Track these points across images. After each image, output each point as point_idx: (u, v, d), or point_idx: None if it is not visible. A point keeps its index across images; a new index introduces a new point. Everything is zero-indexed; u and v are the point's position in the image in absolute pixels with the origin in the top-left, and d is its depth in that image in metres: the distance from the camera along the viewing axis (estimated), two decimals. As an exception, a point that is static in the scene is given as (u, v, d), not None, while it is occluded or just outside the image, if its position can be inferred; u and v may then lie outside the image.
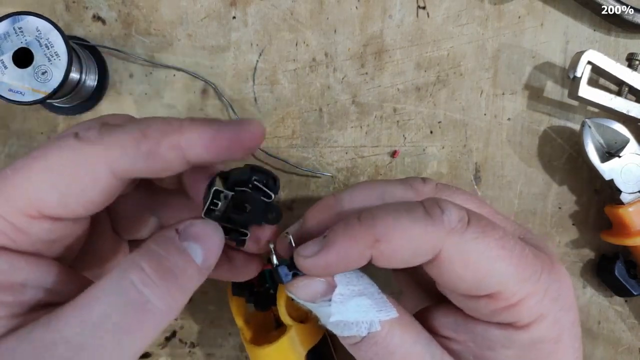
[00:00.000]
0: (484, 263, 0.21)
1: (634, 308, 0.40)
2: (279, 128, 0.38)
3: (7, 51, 0.32)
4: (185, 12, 0.38)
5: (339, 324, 0.23)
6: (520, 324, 0.22)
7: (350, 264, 0.22)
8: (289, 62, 0.38)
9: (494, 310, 0.22)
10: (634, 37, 0.39)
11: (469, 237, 0.21)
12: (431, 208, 0.21)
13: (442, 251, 0.21)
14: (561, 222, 0.40)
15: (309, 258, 0.22)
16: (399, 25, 0.38)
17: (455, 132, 0.39)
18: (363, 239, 0.21)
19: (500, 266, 0.21)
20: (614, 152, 0.36)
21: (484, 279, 0.21)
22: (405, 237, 0.21)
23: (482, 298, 0.22)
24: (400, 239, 0.21)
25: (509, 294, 0.22)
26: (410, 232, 0.21)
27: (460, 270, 0.21)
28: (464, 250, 0.21)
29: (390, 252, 0.21)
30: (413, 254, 0.21)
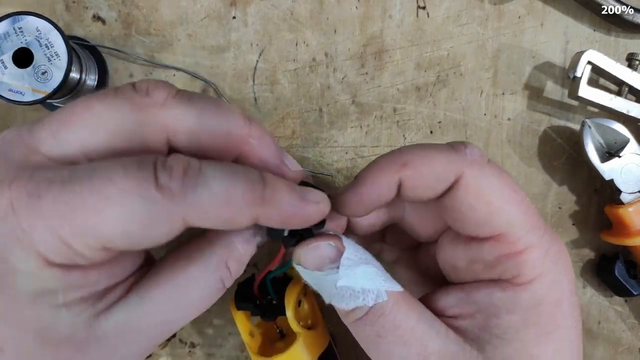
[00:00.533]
0: (496, 198, 0.22)
1: (634, 308, 0.40)
2: (279, 128, 0.38)
3: (7, 51, 0.32)
4: (185, 12, 0.38)
5: (345, 293, 0.22)
6: (521, 280, 0.22)
7: (381, 194, 0.23)
8: (289, 62, 0.38)
9: (498, 258, 0.23)
10: (634, 37, 0.39)
11: (488, 172, 0.23)
12: (456, 144, 0.23)
13: (461, 178, 0.22)
14: (561, 222, 0.40)
15: (343, 194, 0.23)
16: (399, 25, 0.38)
17: (455, 132, 0.39)
18: (391, 165, 0.22)
19: (511, 207, 0.23)
20: (614, 152, 0.37)
21: (494, 215, 0.22)
22: (430, 162, 0.22)
23: (487, 241, 0.23)
24: (425, 164, 0.22)
25: (515, 238, 0.22)
26: (435, 158, 0.22)
27: (474, 200, 0.22)
28: (481, 181, 0.22)
29: (417, 177, 0.22)
30: (436, 179, 0.22)
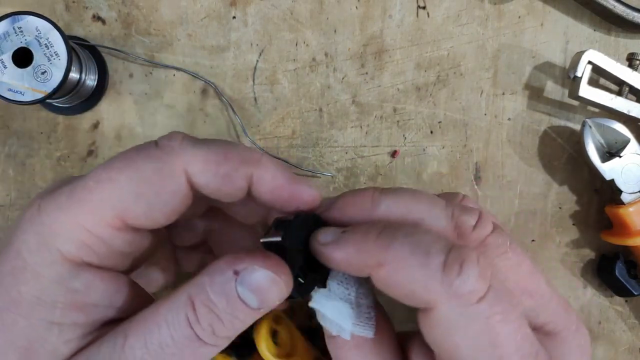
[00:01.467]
0: (481, 341, 0.19)
1: (635, 308, 0.40)
2: (279, 128, 0.38)
3: (6, 51, 0.32)
4: (185, 12, 0.38)
5: (318, 311, 0.23)
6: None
7: (351, 270, 0.21)
8: (289, 62, 0.38)
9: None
10: (634, 37, 0.39)
11: (473, 313, 0.19)
12: (451, 263, 0.19)
13: (434, 309, 0.19)
14: (561, 222, 0.40)
15: (320, 245, 0.22)
16: (399, 25, 0.38)
17: (456, 132, 0.39)
18: (371, 257, 0.20)
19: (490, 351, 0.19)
20: (614, 152, 0.36)
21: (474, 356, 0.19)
22: (407, 277, 0.19)
23: None
24: (401, 276, 0.20)
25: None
26: (413, 275, 0.19)
27: (440, 337, 0.20)
28: (454, 319, 0.19)
29: (387, 281, 0.20)
30: (407, 295, 0.20)
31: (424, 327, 0.20)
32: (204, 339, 0.20)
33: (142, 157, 0.20)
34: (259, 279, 0.20)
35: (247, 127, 0.38)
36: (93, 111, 0.38)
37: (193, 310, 0.19)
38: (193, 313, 0.19)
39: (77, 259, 0.19)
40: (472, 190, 0.39)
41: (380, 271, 0.20)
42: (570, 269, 0.40)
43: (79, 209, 0.19)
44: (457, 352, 0.19)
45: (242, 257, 0.20)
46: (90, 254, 0.20)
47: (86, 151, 0.38)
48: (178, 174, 0.20)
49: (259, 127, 0.38)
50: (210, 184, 0.21)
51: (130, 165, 0.20)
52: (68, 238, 0.19)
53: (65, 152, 0.38)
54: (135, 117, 0.38)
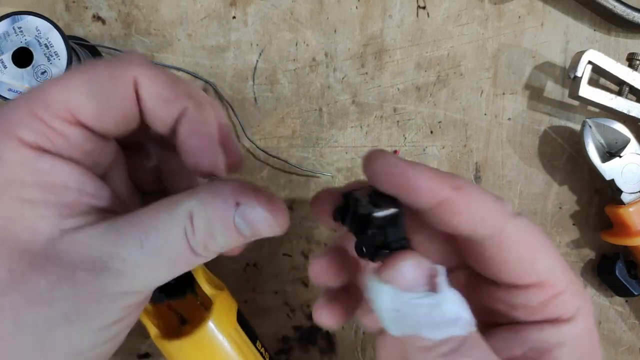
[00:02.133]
0: (538, 247, 0.23)
1: (635, 308, 0.40)
2: (279, 128, 0.38)
3: (6, 51, 0.32)
4: (185, 12, 0.38)
5: (438, 321, 0.19)
6: (565, 317, 0.24)
7: (428, 194, 0.21)
8: (289, 62, 0.38)
9: (542, 302, 0.23)
10: (634, 37, 0.39)
11: (525, 223, 0.23)
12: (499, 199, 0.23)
13: (505, 228, 0.22)
14: (561, 222, 0.40)
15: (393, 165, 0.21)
16: (399, 25, 0.38)
17: (456, 132, 0.39)
18: (448, 179, 0.21)
19: (549, 254, 0.23)
20: (614, 152, 0.36)
21: (537, 262, 0.23)
22: (482, 197, 0.22)
23: (530, 288, 0.23)
24: (476, 198, 0.21)
25: (556, 281, 0.23)
26: (487, 195, 0.22)
27: (520, 249, 0.22)
28: (522, 228, 0.23)
29: (464, 205, 0.21)
30: (482, 218, 0.22)
31: (502, 252, 0.22)
32: (197, 250, 0.21)
33: (98, 64, 0.22)
34: (257, 216, 0.21)
35: (247, 127, 0.38)
36: (93, 111, 0.38)
37: (191, 225, 0.21)
38: (191, 227, 0.21)
39: (36, 145, 0.21)
40: (472, 190, 0.39)
41: (459, 194, 0.21)
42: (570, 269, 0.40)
43: (35, 103, 0.21)
44: (534, 256, 0.23)
45: (247, 191, 0.21)
46: (48, 143, 0.21)
47: (86, 151, 0.38)
48: (127, 81, 0.21)
49: (259, 127, 0.38)
50: (150, 101, 0.22)
51: (87, 70, 0.21)
52: (25, 126, 0.20)
53: (65, 152, 0.38)
54: (135, 117, 0.38)
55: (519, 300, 0.24)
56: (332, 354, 0.39)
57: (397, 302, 0.19)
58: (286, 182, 0.39)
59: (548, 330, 0.24)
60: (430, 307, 0.19)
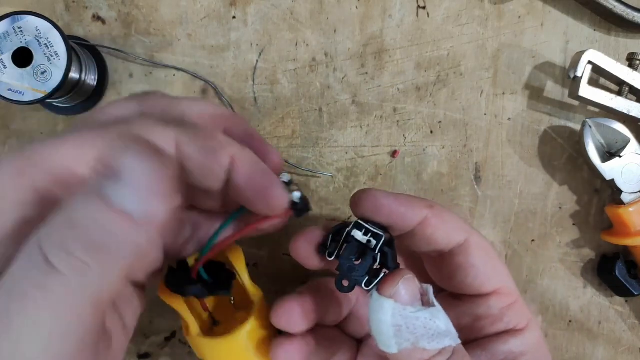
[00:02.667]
0: (493, 257, 0.27)
1: (635, 308, 0.40)
2: (279, 128, 0.38)
3: (6, 51, 0.32)
4: (185, 12, 0.38)
5: (433, 333, 0.21)
6: (521, 326, 0.26)
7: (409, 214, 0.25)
8: (289, 62, 0.38)
9: (502, 310, 0.26)
10: (634, 37, 0.39)
11: (480, 235, 0.27)
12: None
13: (470, 237, 0.26)
14: (561, 222, 0.40)
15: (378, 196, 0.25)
16: (399, 25, 0.38)
17: (456, 132, 0.39)
18: (421, 202, 0.26)
19: (501, 265, 0.27)
20: (614, 152, 0.36)
21: (496, 269, 0.26)
22: (449, 213, 0.26)
23: (492, 295, 0.26)
24: (446, 213, 0.26)
25: (510, 290, 0.27)
26: (451, 213, 0.26)
27: (485, 257, 0.26)
28: (480, 239, 0.26)
29: (440, 220, 0.25)
30: (455, 229, 0.26)
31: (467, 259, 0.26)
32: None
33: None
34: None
35: (247, 127, 0.38)
36: (93, 111, 0.38)
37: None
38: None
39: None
40: (472, 190, 0.39)
41: (434, 212, 0.25)
42: (570, 269, 0.40)
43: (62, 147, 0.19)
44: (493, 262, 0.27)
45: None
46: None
47: (86, 151, 0.38)
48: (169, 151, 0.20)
49: (259, 127, 0.38)
50: (195, 156, 0.21)
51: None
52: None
53: (65, 152, 0.38)
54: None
55: (482, 309, 0.27)
56: (332, 354, 0.39)
57: (398, 316, 0.21)
58: (286, 182, 0.39)
59: (511, 340, 0.26)
60: (427, 320, 0.20)
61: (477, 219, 0.39)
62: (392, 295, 0.21)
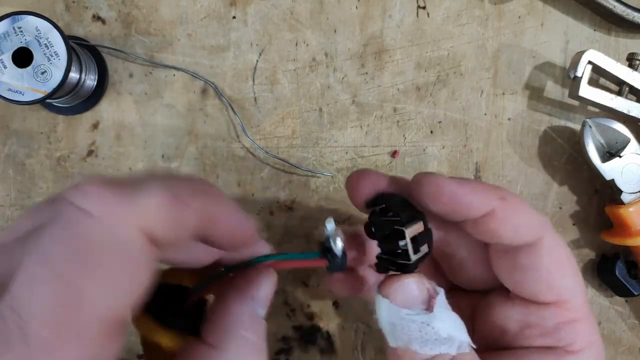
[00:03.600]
0: (567, 264, 0.24)
1: (635, 308, 0.40)
2: (279, 128, 0.38)
3: (6, 51, 0.32)
4: (185, 12, 0.38)
5: (430, 338, 0.20)
6: (574, 348, 0.23)
7: (475, 204, 0.22)
8: (289, 62, 0.38)
9: (558, 324, 0.23)
10: (634, 37, 0.39)
11: (560, 239, 0.24)
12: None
13: (544, 238, 0.23)
14: (561, 222, 0.40)
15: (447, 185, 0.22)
16: (399, 25, 0.38)
17: (456, 132, 0.39)
18: (494, 191, 0.23)
19: (576, 276, 0.24)
20: (614, 152, 0.36)
21: (564, 279, 0.23)
22: (524, 209, 0.23)
23: (549, 306, 0.23)
24: (520, 208, 0.23)
25: (575, 306, 0.23)
26: (528, 208, 0.23)
27: (552, 263, 0.23)
28: (557, 245, 0.23)
29: (509, 214, 0.22)
30: (526, 227, 0.23)
31: (533, 262, 0.23)
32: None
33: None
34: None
35: (247, 127, 0.38)
36: (93, 111, 0.38)
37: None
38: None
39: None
40: (472, 190, 0.39)
41: (505, 204, 0.22)
42: (570, 269, 0.40)
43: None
44: (561, 272, 0.23)
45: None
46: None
47: (86, 151, 0.38)
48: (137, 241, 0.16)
49: (259, 127, 0.38)
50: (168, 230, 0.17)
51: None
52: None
53: (65, 152, 0.38)
54: (135, 117, 0.38)
55: (535, 318, 0.24)
56: (332, 354, 0.39)
57: (393, 316, 0.21)
58: (286, 182, 0.39)
59: (552, 359, 0.23)
60: (422, 325, 0.20)
61: (477, 219, 0.39)
62: (387, 296, 0.21)
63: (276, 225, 0.39)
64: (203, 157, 0.38)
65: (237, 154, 0.38)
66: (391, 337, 0.21)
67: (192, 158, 0.38)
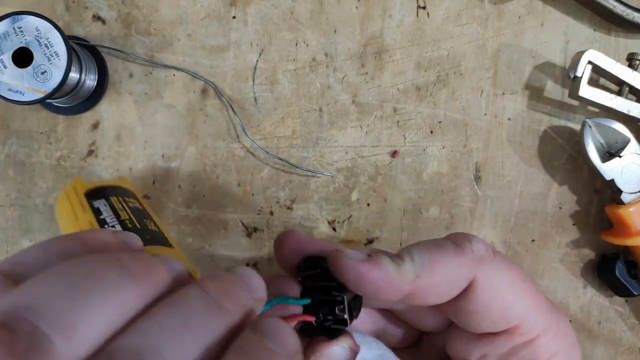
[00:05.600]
0: (510, 292, 0.23)
1: (635, 308, 0.40)
2: (279, 128, 0.38)
3: (6, 51, 0.32)
4: (185, 12, 0.38)
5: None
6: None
7: (389, 294, 0.21)
8: (289, 62, 0.38)
9: (512, 348, 0.23)
10: (634, 37, 0.39)
11: (498, 265, 0.23)
12: (460, 241, 0.23)
13: (475, 279, 0.22)
14: (561, 222, 0.40)
15: (359, 261, 0.21)
16: (399, 25, 0.38)
17: (456, 132, 0.39)
18: (406, 274, 0.21)
19: (524, 297, 0.23)
20: (614, 152, 0.36)
21: (509, 309, 0.22)
22: (442, 269, 0.22)
23: (501, 335, 0.23)
24: (438, 272, 0.22)
25: (528, 328, 0.23)
26: (447, 265, 0.22)
27: (490, 300, 0.22)
28: (494, 278, 0.22)
29: (430, 285, 0.22)
30: (450, 286, 0.22)
31: (470, 304, 0.22)
32: None
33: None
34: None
35: (247, 127, 0.38)
36: (93, 111, 0.38)
37: None
38: None
39: None
40: (472, 190, 0.39)
41: (420, 281, 0.21)
42: (570, 269, 0.40)
43: None
44: (505, 303, 0.22)
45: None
46: None
47: (86, 151, 0.38)
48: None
49: (259, 127, 0.38)
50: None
51: None
52: None
53: (65, 152, 0.38)
54: (135, 117, 0.38)
55: (489, 348, 0.24)
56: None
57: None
58: (286, 182, 0.39)
59: None
60: None
61: (477, 219, 0.39)
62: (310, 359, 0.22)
63: (276, 225, 0.39)
64: (203, 157, 0.38)
65: (237, 154, 0.38)
66: None
67: (192, 158, 0.38)
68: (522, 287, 0.23)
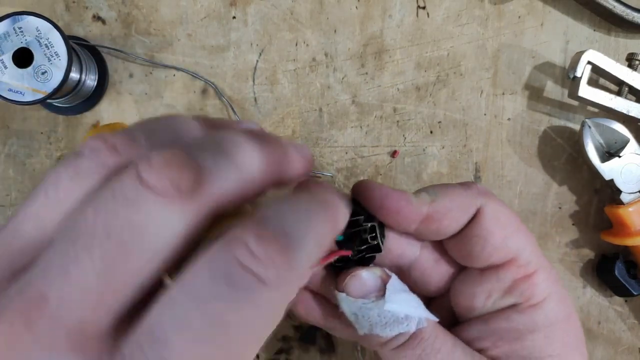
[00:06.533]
0: (509, 224, 0.25)
1: (634, 308, 0.40)
2: (279, 128, 0.38)
3: (7, 51, 0.32)
4: (185, 12, 0.38)
5: (389, 320, 0.23)
6: (535, 301, 0.24)
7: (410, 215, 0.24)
8: (289, 62, 0.38)
9: (513, 282, 0.24)
10: (634, 37, 0.39)
11: (500, 202, 0.25)
12: (467, 183, 0.26)
13: (481, 208, 0.24)
14: (561, 222, 0.40)
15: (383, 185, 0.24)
16: (399, 25, 0.38)
17: (455, 132, 0.39)
18: (423, 198, 0.24)
19: (520, 233, 0.25)
20: (614, 152, 0.36)
21: (509, 239, 0.24)
22: (455, 198, 0.24)
23: (502, 267, 0.25)
24: (450, 198, 0.24)
25: (526, 261, 0.24)
26: (459, 194, 0.24)
27: (493, 225, 0.24)
28: (497, 209, 0.25)
29: (444, 209, 0.24)
30: (460, 210, 0.24)
31: (475, 230, 0.24)
32: None
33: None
34: None
35: (247, 127, 0.38)
36: (93, 111, 0.38)
37: None
38: None
39: None
40: (472, 190, 0.39)
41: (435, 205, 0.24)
42: (570, 269, 0.40)
43: None
44: (506, 230, 0.25)
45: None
46: None
47: (86, 151, 0.38)
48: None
49: (259, 127, 0.38)
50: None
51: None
52: None
53: (65, 152, 0.38)
54: (135, 117, 0.38)
55: (494, 281, 0.25)
56: (332, 354, 0.39)
57: (353, 307, 0.23)
58: (286, 182, 0.39)
59: (515, 317, 0.25)
60: (379, 310, 0.23)
61: (477, 218, 0.39)
62: (342, 290, 0.23)
63: (276, 225, 0.39)
64: (203, 157, 0.38)
65: (237, 154, 0.38)
66: (357, 326, 0.23)
67: (192, 158, 0.38)
68: (520, 225, 0.25)
